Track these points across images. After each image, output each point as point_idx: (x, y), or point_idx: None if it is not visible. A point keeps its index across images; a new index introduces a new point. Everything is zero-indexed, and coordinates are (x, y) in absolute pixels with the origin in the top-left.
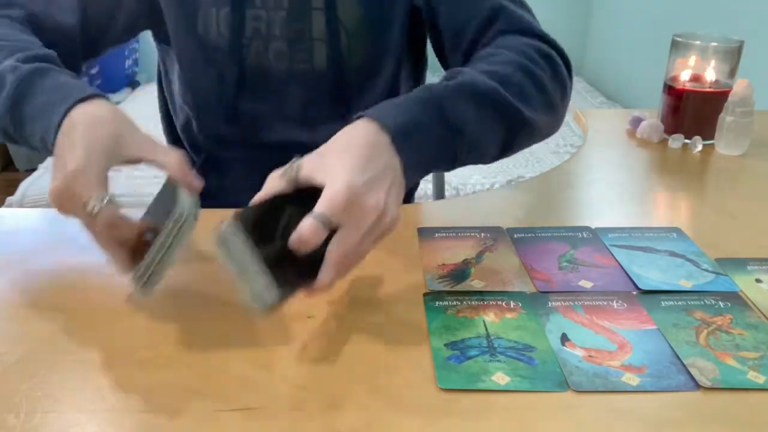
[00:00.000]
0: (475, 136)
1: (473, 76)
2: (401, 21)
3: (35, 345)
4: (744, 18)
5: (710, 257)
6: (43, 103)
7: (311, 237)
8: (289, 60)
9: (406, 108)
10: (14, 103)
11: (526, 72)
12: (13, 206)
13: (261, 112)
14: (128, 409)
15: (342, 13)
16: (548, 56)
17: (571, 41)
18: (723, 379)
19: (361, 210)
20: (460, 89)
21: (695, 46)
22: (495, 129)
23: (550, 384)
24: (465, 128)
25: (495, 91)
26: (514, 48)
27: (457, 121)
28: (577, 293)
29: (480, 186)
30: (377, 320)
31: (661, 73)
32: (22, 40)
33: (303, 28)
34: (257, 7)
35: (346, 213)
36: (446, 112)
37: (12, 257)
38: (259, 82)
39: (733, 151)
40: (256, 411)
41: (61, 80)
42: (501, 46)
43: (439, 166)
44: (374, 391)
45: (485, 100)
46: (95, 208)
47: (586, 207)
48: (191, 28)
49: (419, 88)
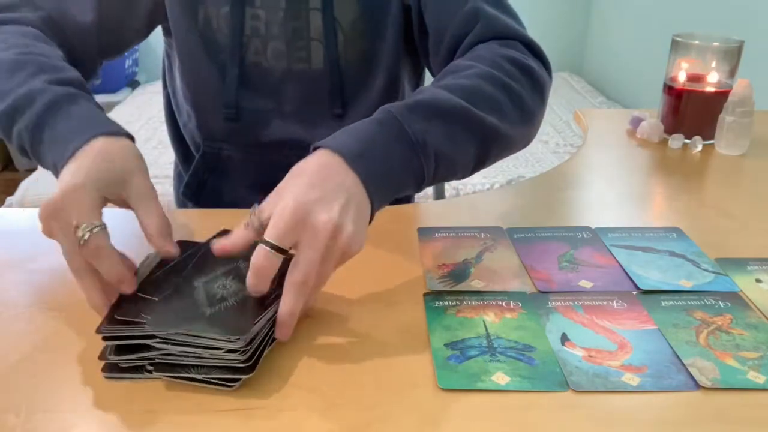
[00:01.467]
0: (442, 151)
1: (435, 93)
2: (397, 20)
3: (35, 345)
4: (744, 18)
5: (710, 257)
6: (68, 129)
7: (264, 264)
8: (287, 59)
9: (360, 129)
10: (39, 124)
11: (498, 84)
12: (13, 206)
13: (260, 111)
14: (128, 409)
15: (339, 14)
16: (524, 65)
17: (571, 41)
18: (723, 379)
19: (313, 227)
20: (419, 106)
21: (695, 46)
22: (464, 143)
23: (550, 384)
24: (428, 144)
25: (460, 106)
26: (488, 59)
27: (419, 137)
28: (577, 293)
29: (480, 186)
30: (377, 320)
31: (661, 73)
32: (46, 54)
33: (300, 27)
34: (256, 7)
35: (296, 233)
36: (405, 129)
37: (12, 257)
38: (258, 81)
39: (733, 151)
40: (256, 411)
41: (89, 110)
42: (475, 58)
43: (408, 183)
44: (374, 391)
45: (449, 115)
46: (86, 236)
47: (586, 207)
48: (192, 23)
49: (378, 110)
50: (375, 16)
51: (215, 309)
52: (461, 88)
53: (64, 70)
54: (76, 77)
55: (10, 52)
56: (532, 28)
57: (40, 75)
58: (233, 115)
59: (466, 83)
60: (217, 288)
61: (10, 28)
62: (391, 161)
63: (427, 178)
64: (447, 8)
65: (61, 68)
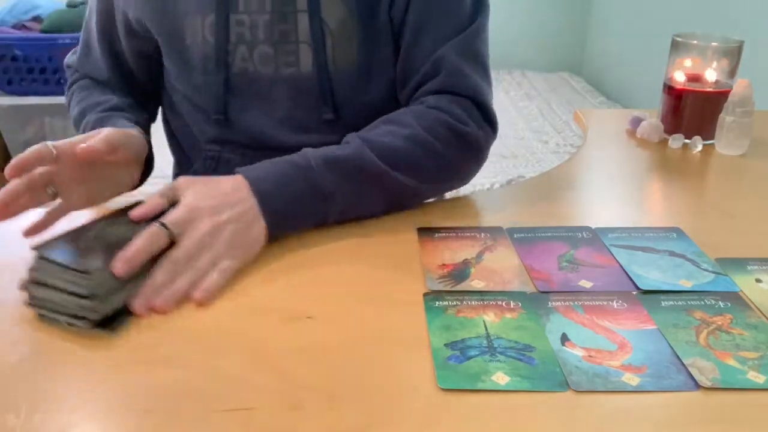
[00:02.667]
0: (350, 205)
1: (360, 153)
2: (386, 27)
3: (35, 345)
4: (744, 18)
5: (710, 257)
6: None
7: (152, 236)
8: (274, 64)
9: (279, 166)
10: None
11: (428, 149)
12: None
13: (251, 117)
14: (128, 409)
15: (326, 15)
16: (459, 131)
17: (571, 41)
18: (723, 379)
19: (197, 225)
20: (339, 163)
21: (695, 46)
22: (376, 201)
23: (550, 384)
24: (336, 198)
25: (378, 171)
26: (429, 120)
27: (329, 190)
28: (577, 293)
29: (480, 186)
30: (377, 320)
31: (661, 73)
32: (95, 98)
33: (288, 30)
34: (240, 12)
35: (183, 225)
36: (318, 181)
37: (12, 257)
38: (246, 87)
39: (733, 151)
40: (256, 411)
41: (121, 122)
42: (417, 116)
43: (308, 222)
44: (374, 391)
45: (366, 179)
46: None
47: (586, 207)
48: (178, 42)
49: (297, 153)
50: (363, 20)
51: (92, 245)
52: (388, 150)
53: (104, 103)
54: (117, 103)
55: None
56: (533, 28)
57: (91, 113)
58: (223, 121)
59: (394, 145)
60: (108, 233)
61: (75, 87)
62: (295, 204)
63: (329, 222)
64: (419, 51)
65: (103, 102)
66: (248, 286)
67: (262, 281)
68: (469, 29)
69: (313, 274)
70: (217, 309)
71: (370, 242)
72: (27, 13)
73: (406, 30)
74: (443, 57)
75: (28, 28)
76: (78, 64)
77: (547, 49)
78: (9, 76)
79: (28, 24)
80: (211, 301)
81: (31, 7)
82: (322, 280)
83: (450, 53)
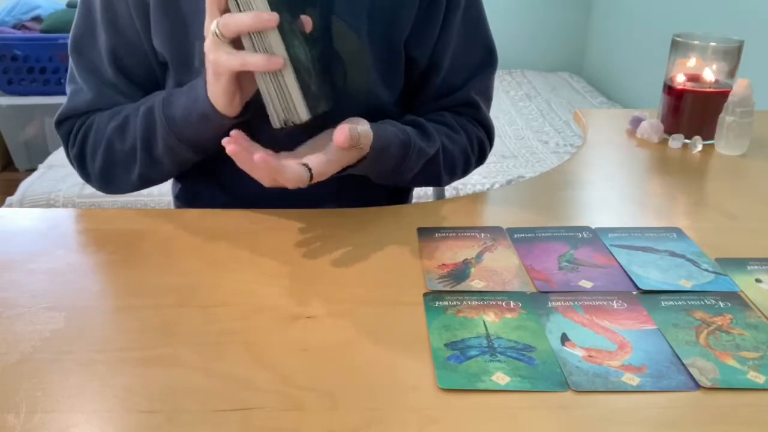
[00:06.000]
0: (421, 151)
1: (441, 142)
2: (401, 64)
3: (35, 345)
4: (744, 18)
5: (710, 257)
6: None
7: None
8: None
9: (396, 125)
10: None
11: (464, 155)
12: (13, 206)
13: (245, 125)
14: (128, 409)
15: (338, 45)
16: (483, 149)
17: (571, 41)
18: (723, 379)
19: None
20: (421, 153)
21: (695, 46)
22: (421, 173)
23: (550, 384)
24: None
25: (436, 161)
26: (469, 135)
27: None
28: (577, 293)
29: (480, 186)
30: (377, 320)
31: (661, 73)
32: (134, 105)
33: None
34: None
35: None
36: (412, 139)
37: (12, 257)
38: None
39: (733, 151)
40: (256, 411)
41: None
42: (463, 126)
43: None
44: (374, 391)
45: (429, 157)
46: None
47: (586, 207)
48: (186, 66)
49: (409, 121)
50: (377, 54)
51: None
52: (447, 152)
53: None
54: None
55: (110, 126)
56: (533, 28)
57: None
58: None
59: (450, 148)
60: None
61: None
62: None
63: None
64: (450, 89)
65: (140, 101)
66: (248, 286)
67: (262, 281)
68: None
69: (313, 274)
70: (217, 309)
71: (370, 242)
72: (27, 13)
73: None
74: (471, 101)
75: (28, 28)
76: (93, 101)
77: (547, 49)
78: (9, 76)
79: (29, 24)
80: None
81: (31, 7)
82: (322, 280)
83: (476, 98)
